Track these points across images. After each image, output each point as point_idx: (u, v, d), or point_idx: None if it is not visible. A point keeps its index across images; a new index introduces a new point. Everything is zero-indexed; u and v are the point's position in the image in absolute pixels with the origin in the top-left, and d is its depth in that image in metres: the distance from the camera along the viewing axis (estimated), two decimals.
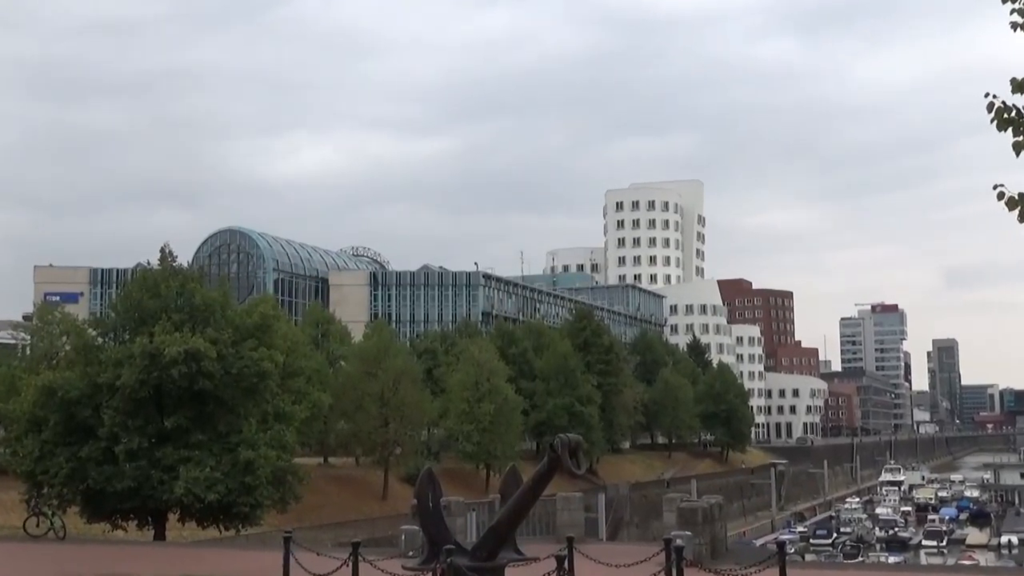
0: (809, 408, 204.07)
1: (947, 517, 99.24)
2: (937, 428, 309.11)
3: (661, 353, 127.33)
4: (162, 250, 36.15)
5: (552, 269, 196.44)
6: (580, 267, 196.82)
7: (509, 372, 77.28)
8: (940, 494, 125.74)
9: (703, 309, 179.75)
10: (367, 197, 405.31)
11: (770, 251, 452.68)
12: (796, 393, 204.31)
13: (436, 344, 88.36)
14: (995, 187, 9.30)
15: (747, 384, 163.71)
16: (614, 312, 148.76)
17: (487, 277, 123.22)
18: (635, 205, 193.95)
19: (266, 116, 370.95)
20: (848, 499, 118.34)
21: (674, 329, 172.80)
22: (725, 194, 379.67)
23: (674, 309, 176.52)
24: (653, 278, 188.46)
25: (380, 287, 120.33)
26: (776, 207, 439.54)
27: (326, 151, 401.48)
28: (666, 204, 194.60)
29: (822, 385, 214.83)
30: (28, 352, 54.71)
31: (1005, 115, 9.34)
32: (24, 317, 76.01)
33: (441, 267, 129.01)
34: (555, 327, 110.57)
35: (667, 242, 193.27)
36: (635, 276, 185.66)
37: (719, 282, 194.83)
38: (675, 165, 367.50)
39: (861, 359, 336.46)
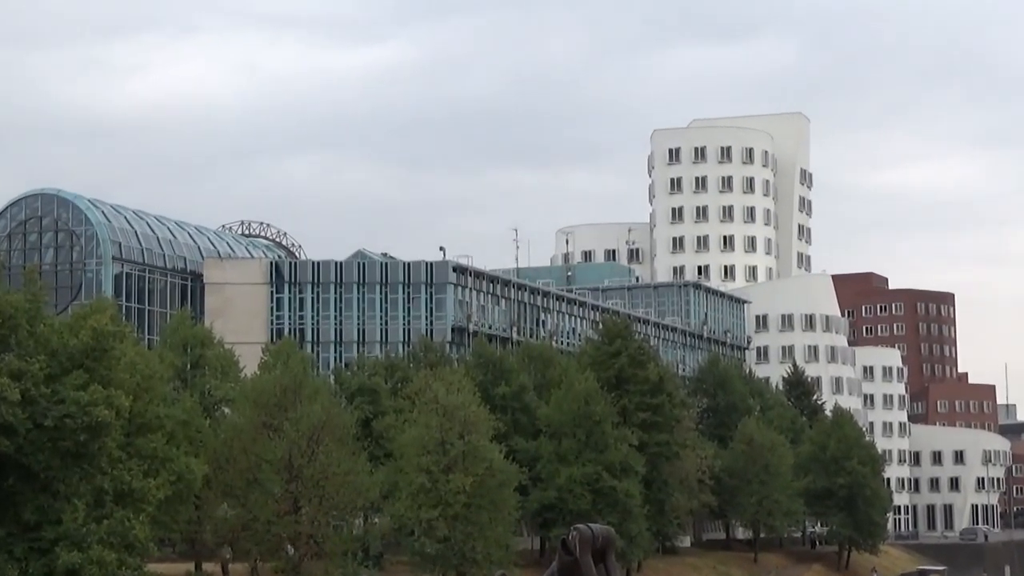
0: (981, 482, 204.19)
1: None
2: None
3: (742, 393, 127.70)
4: None
5: (566, 258, 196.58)
6: (611, 254, 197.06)
7: (497, 424, 77.44)
8: None
9: (809, 322, 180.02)
10: (266, 142, 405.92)
11: (916, 228, 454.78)
12: (960, 457, 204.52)
13: (378, 379, 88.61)
14: None
15: (881, 444, 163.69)
16: (666, 327, 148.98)
17: (460, 271, 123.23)
18: (699, 154, 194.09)
19: (98, 10, 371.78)
20: None
21: (762, 354, 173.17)
22: (841, 137, 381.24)
23: (762, 322, 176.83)
24: (728, 272, 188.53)
25: (287, 286, 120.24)
26: (922, 158, 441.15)
27: (196, 66, 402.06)
28: (750, 152, 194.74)
29: (1003, 445, 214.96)
30: None
31: None
32: None
33: (386, 254, 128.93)
34: (570, 351, 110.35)
35: (751, 213, 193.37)
36: (700, 268, 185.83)
37: (835, 278, 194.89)
38: (762, 90, 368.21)
39: None
